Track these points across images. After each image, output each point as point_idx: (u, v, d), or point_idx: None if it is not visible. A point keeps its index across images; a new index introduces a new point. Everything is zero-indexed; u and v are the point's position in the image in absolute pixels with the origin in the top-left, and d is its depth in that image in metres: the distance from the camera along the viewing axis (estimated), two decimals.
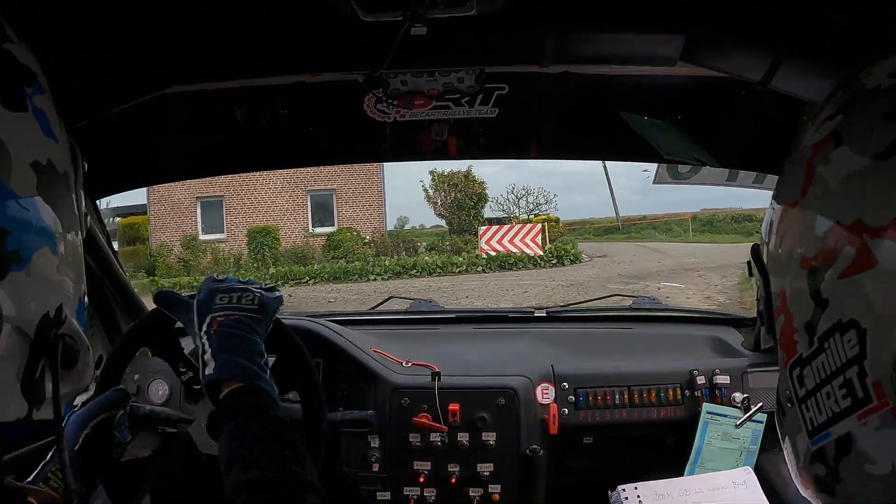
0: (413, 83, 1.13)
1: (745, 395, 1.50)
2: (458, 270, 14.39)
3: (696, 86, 1.14)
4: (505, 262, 14.62)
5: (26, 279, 0.55)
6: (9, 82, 0.55)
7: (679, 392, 1.55)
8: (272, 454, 0.79)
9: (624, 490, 1.38)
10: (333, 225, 17.64)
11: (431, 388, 1.50)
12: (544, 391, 1.55)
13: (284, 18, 0.92)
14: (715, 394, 1.54)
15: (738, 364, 1.59)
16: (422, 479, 1.50)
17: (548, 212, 20.92)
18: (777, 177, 0.63)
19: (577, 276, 12.41)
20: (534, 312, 2.00)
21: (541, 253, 14.98)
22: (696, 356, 1.67)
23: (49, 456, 0.90)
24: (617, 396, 1.55)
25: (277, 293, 1.02)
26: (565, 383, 1.56)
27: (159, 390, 1.61)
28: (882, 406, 0.45)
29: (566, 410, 1.54)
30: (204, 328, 0.91)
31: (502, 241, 15.37)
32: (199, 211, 17.26)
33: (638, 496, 1.37)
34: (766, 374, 1.55)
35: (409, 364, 1.61)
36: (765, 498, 1.36)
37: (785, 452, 0.61)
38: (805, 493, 0.58)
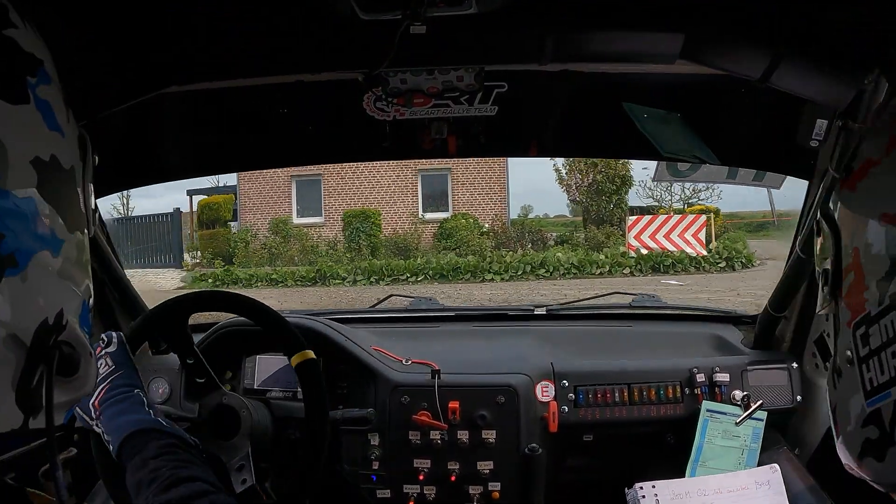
0: (412, 81, 1.13)
1: (745, 393, 1.50)
2: (598, 272, 11.63)
3: (695, 84, 1.14)
4: (659, 263, 11.69)
5: (22, 285, 0.52)
6: (9, 73, 0.52)
7: (679, 390, 1.55)
8: (158, 471, 0.87)
9: (641, 488, 1.37)
10: (447, 210, 15.15)
11: (431, 386, 1.50)
12: (544, 389, 1.55)
13: (284, 18, 0.92)
14: (715, 391, 1.54)
15: (738, 362, 1.59)
16: (421, 477, 1.51)
17: (707, 201, 16.06)
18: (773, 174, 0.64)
19: (756, 284, 9.15)
20: (534, 310, 2.00)
21: (705, 252, 11.97)
22: (695, 354, 1.67)
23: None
24: (617, 394, 1.55)
25: (113, 340, 1.08)
26: (565, 381, 1.56)
27: (159, 389, 1.61)
28: None
29: (566, 408, 1.54)
30: (95, 417, 1.01)
31: (656, 236, 12.11)
32: (293, 191, 15.52)
33: (655, 495, 1.36)
34: (766, 372, 1.56)
35: (410, 362, 1.61)
36: (787, 500, 1.33)
37: (832, 419, 0.61)
38: (846, 459, 0.57)
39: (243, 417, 1.30)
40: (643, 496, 1.36)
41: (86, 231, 0.64)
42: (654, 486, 1.36)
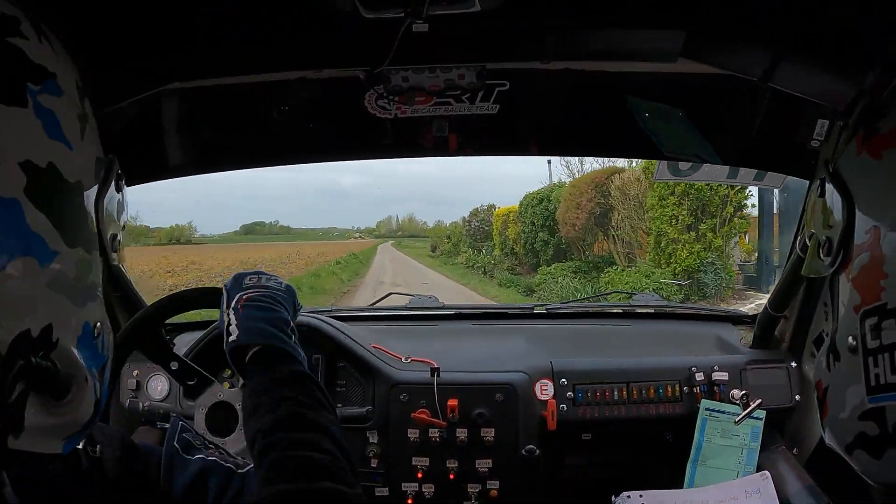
0: (414, 80, 1.13)
1: (744, 392, 1.50)
2: None
3: (696, 82, 1.14)
4: None
5: None
6: (8, 76, 0.51)
7: (678, 389, 1.55)
8: (286, 401, 0.77)
9: (629, 497, 1.37)
10: None
11: (430, 384, 1.50)
12: (543, 387, 1.55)
13: (287, 15, 0.92)
14: (713, 390, 1.54)
15: (737, 361, 1.59)
16: (420, 475, 1.51)
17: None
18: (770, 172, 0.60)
19: None
20: (533, 309, 2.00)
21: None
22: (694, 353, 1.67)
23: None
24: (616, 393, 1.55)
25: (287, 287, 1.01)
26: (564, 379, 1.56)
27: (158, 386, 1.62)
28: None
29: (565, 406, 1.54)
30: (232, 305, 0.91)
31: None
32: None
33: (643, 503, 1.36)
34: (765, 371, 1.56)
35: (409, 360, 1.61)
36: None
37: (818, 399, 0.57)
38: (834, 442, 0.54)
39: (240, 413, 1.30)
40: None
41: (95, 253, 0.61)
42: (641, 496, 1.36)
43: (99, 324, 0.63)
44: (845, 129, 0.68)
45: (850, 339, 0.52)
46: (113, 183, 0.67)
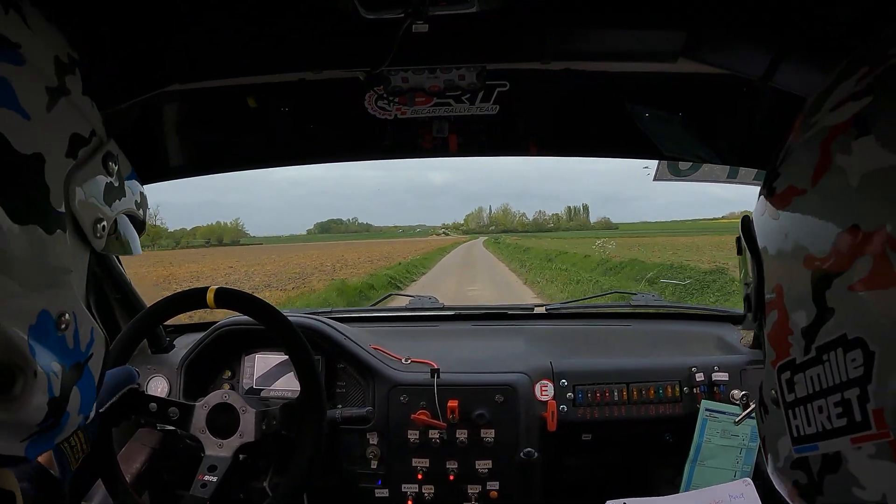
0: (414, 80, 1.13)
1: (744, 392, 1.50)
2: None
3: (697, 82, 1.14)
4: None
5: None
6: None
7: (678, 389, 1.55)
8: None
9: None
10: None
11: (430, 385, 1.50)
12: (543, 388, 1.55)
13: (286, 17, 0.91)
14: (713, 391, 1.55)
15: (737, 361, 1.59)
16: (420, 476, 1.51)
17: None
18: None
19: None
20: (533, 309, 2.00)
21: None
22: (694, 353, 1.67)
23: None
24: (616, 393, 1.55)
25: None
26: (564, 380, 1.56)
27: (158, 387, 1.62)
28: (881, 436, 0.41)
29: (565, 407, 1.54)
30: None
31: None
32: None
33: None
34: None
35: (409, 361, 1.61)
36: None
37: (762, 447, 0.58)
38: (780, 488, 0.55)
39: (240, 413, 1.30)
40: None
41: (61, 234, 0.56)
42: (625, 503, 1.36)
43: (67, 315, 0.57)
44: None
45: (773, 391, 0.53)
46: (101, 165, 0.63)
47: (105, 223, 0.62)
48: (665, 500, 1.37)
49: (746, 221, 0.58)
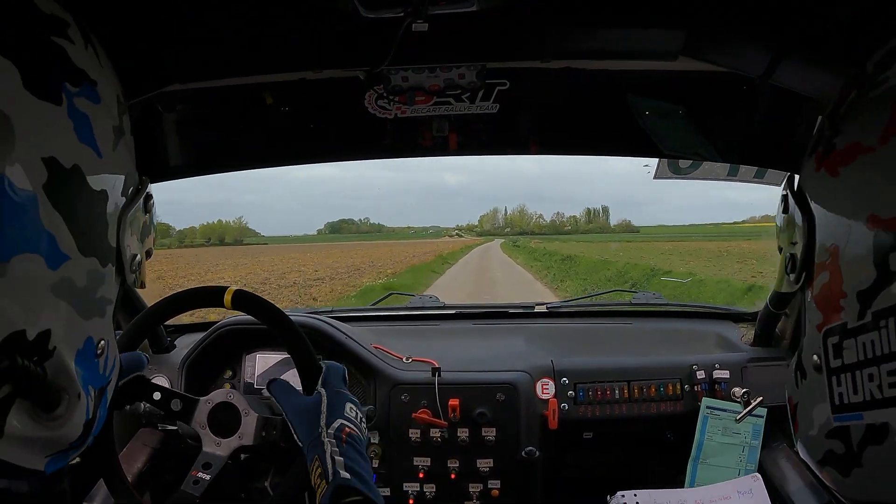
0: (414, 79, 1.13)
1: (745, 390, 1.50)
2: None
3: (697, 80, 1.14)
4: None
5: None
6: (45, 71, 0.50)
7: (679, 387, 1.56)
8: None
9: (623, 496, 1.38)
10: None
11: (431, 384, 1.50)
12: (544, 386, 1.55)
13: (286, 16, 0.91)
14: (714, 388, 1.55)
15: (738, 359, 1.59)
16: (421, 475, 1.51)
17: None
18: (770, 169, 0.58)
19: None
20: (534, 308, 2.01)
21: None
22: (695, 351, 1.68)
23: None
24: (617, 391, 1.55)
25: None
26: (565, 378, 1.56)
27: None
28: None
29: (566, 405, 1.54)
30: (333, 431, 0.97)
31: None
32: None
33: (637, 503, 1.37)
34: (766, 369, 1.56)
35: (410, 360, 1.62)
36: None
37: (790, 416, 0.56)
38: (807, 458, 0.54)
39: (242, 415, 1.30)
40: (625, 503, 1.37)
41: (111, 268, 0.60)
42: (635, 495, 1.37)
43: (103, 342, 0.60)
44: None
45: (815, 357, 0.51)
46: (141, 203, 0.67)
47: (139, 258, 0.67)
48: (673, 492, 1.38)
49: (792, 179, 0.57)
